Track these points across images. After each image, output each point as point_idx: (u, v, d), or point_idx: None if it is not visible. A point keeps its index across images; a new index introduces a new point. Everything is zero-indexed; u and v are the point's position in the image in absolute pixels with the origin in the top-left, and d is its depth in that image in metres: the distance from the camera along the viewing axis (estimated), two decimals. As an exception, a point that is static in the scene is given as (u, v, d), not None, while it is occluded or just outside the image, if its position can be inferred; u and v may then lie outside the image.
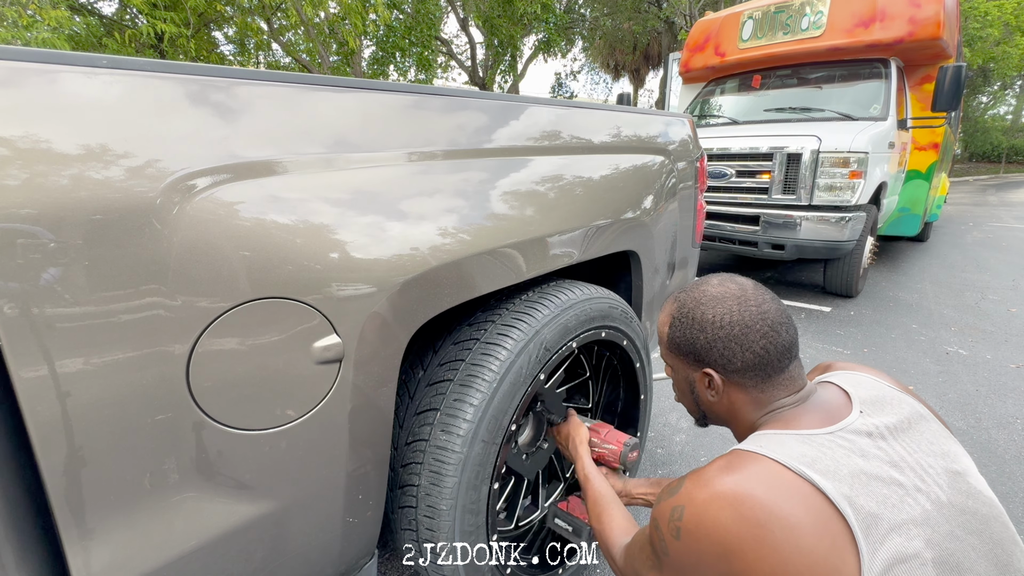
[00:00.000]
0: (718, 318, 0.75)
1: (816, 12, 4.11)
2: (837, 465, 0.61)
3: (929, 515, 0.59)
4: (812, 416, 0.70)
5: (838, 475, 0.59)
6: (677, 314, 0.81)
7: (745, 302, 0.75)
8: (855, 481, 0.59)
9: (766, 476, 0.61)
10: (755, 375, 0.74)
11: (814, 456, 0.62)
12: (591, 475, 1.04)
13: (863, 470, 0.60)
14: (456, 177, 0.88)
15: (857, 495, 0.58)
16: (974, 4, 13.25)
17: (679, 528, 0.63)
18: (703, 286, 0.80)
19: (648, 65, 20.95)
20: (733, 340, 0.74)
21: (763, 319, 0.73)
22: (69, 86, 0.52)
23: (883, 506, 0.58)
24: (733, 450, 0.69)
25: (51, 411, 0.51)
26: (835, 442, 0.64)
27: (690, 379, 0.82)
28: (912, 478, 0.61)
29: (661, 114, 1.54)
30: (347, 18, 8.05)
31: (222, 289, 0.60)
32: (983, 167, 23.22)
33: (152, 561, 0.60)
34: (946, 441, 0.69)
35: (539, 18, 11.87)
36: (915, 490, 0.60)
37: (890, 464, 0.62)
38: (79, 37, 6.95)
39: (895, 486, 0.60)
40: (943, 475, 0.63)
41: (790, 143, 3.53)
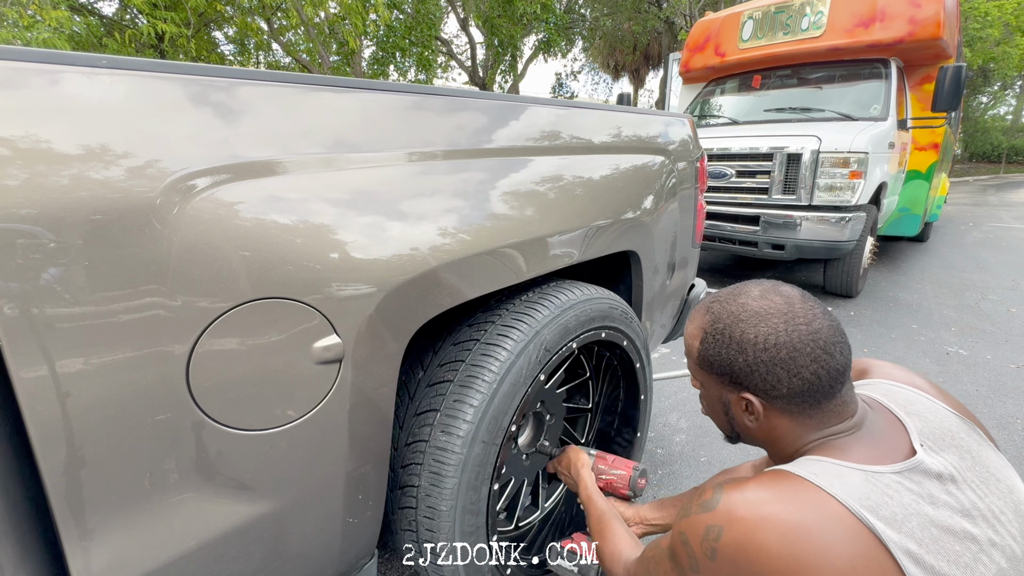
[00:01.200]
0: (761, 339, 0.65)
1: (816, 12, 4.11)
2: (906, 513, 0.55)
3: (1005, 574, 0.54)
4: (869, 448, 0.63)
5: (906, 526, 0.54)
6: (711, 329, 0.71)
7: (793, 320, 0.65)
8: (924, 535, 0.54)
9: (821, 512, 0.55)
10: (803, 402, 0.65)
11: (879, 500, 0.55)
12: (594, 496, 1.03)
13: (934, 521, 0.55)
14: (456, 177, 0.88)
15: (926, 552, 0.53)
16: (974, 4, 13.25)
17: (715, 549, 0.58)
18: (742, 298, 0.70)
19: (648, 65, 20.95)
20: (779, 365, 0.64)
21: (815, 340, 0.64)
22: (69, 86, 0.52)
23: (955, 566, 0.53)
24: (779, 470, 0.62)
25: (51, 411, 0.51)
26: (903, 484, 0.57)
27: (724, 399, 0.73)
28: (986, 530, 0.56)
29: (661, 114, 1.54)
30: (347, 18, 8.05)
31: (222, 289, 0.60)
32: (983, 167, 23.22)
33: (152, 561, 0.60)
34: (1005, 469, 0.64)
35: (539, 18, 11.87)
36: (989, 544, 0.55)
37: (962, 514, 0.57)
38: (79, 37, 6.95)
39: (968, 541, 0.55)
40: (1015, 520, 0.58)
41: (790, 143, 3.53)
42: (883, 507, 0.55)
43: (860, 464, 0.60)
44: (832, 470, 0.60)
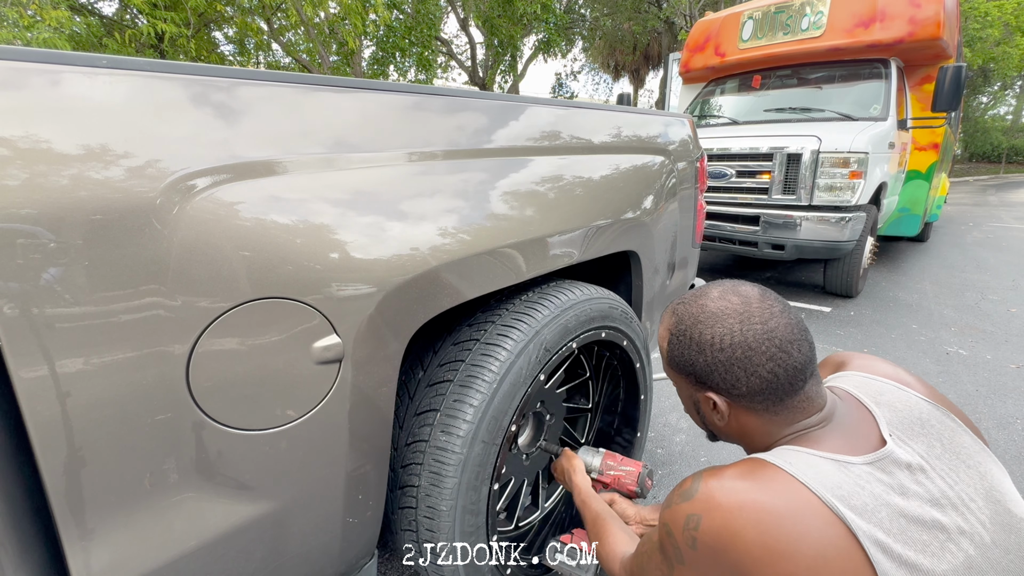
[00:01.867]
0: (717, 339, 0.67)
1: (816, 12, 4.11)
2: (876, 504, 0.56)
3: (973, 562, 0.55)
4: (840, 439, 0.64)
5: (875, 516, 0.56)
6: (675, 330, 0.73)
7: (748, 319, 0.67)
8: (893, 525, 0.55)
9: (795, 501, 0.57)
10: (764, 399, 0.67)
11: (850, 490, 0.57)
12: (588, 500, 1.03)
13: (903, 512, 0.57)
14: (456, 177, 0.88)
15: (894, 541, 0.54)
16: (974, 4, 13.25)
17: (695, 538, 0.60)
18: (702, 299, 0.72)
19: (648, 65, 20.95)
20: (735, 364, 0.66)
21: (770, 339, 0.65)
22: (69, 86, 0.52)
23: (922, 554, 0.54)
24: (756, 458, 0.64)
25: (51, 411, 0.51)
26: (873, 475, 0.59)
27: (694, 399, 0.76)
28: (955, 518, 0.58)
29: (661, 114, 1.54)
30: (347, 18, 8.05)
31: (222, 289, 0.60)
32: (983, 167, 23.22)
33: (152, 561, 0.60)
34: (979, 455, 0.65)
35: (539, 18, 11.87)
36: (958, 532, 0.57)
37: (931, 503, 0.58)
38: (79, 37, 6.95)
39: (937, 530, 0.56)
40: (985, 508, 0.59)
41: (790, 143, 3.53)
42: (854, 497, 0.57)
43: (832, 454, 0.62)
44: (805, 459, 0.61)
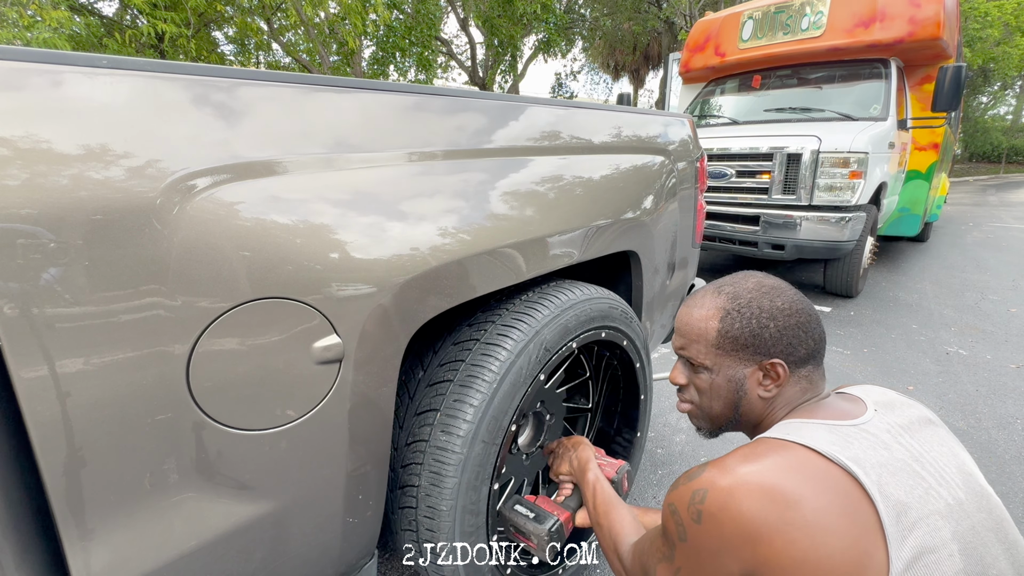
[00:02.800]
0: (787, 306, 0.75)
1: (816, 12, 4.11)
2: (865, 454, 0.61)
3: (952, 509, 0.59)
4: (831, 410, 0.71)
5: (867, 463, 0.59)
6: (732, 306, 0.77)
7: (796, 292, 0.79)
8: (883, 471, 0.59)
9: (796, 460, 0.61)
10: (810, 363, 0.76)
11: (842, 444, 0.62)
12: (601, 479, 1.04)
13: (888, 461, 0.61)
14: (456, 177, 0.88)
15: (886, 483, 0.58)
16: (974, 4, 13.25)
17: (700, 511, 0.61)
18: (750, 279, 0.81)
19: (648, 65, 20.95)
20: (800, 328, 0.75)
21: (810, 308, 0.77)
22: (70, 86, 0.52)
23: (911, 496, 0.58)
24: (759, 439, 0.69)
25: (51, 411, 0.51)
26: (859, 434, 0.64)
27: (738, 377, 0.78)
28: (932, 473, 0.62)
29: (661, 114, 1.54)
30: (347, 18, 8.05)
31: (222, 289, 0.60)
32: (983, 167, 23.21)
33: (152, 561, 0.60)
34: (954, 444, 0.69)
35: (539, 18, 11.87)
36: (937, 484, 0.60)
37: (912, 459, 0.62)
38: (80, 37, 6.95)
39: (918, 479, 0.60)
40: (957, 474, 0.63)
41: (790, 143, 3.53)
42: (847, 449, 0.61)
43: (823, 420, 0.68)
44: (801, 427, 0.67)
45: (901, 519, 0.55)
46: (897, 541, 0.54)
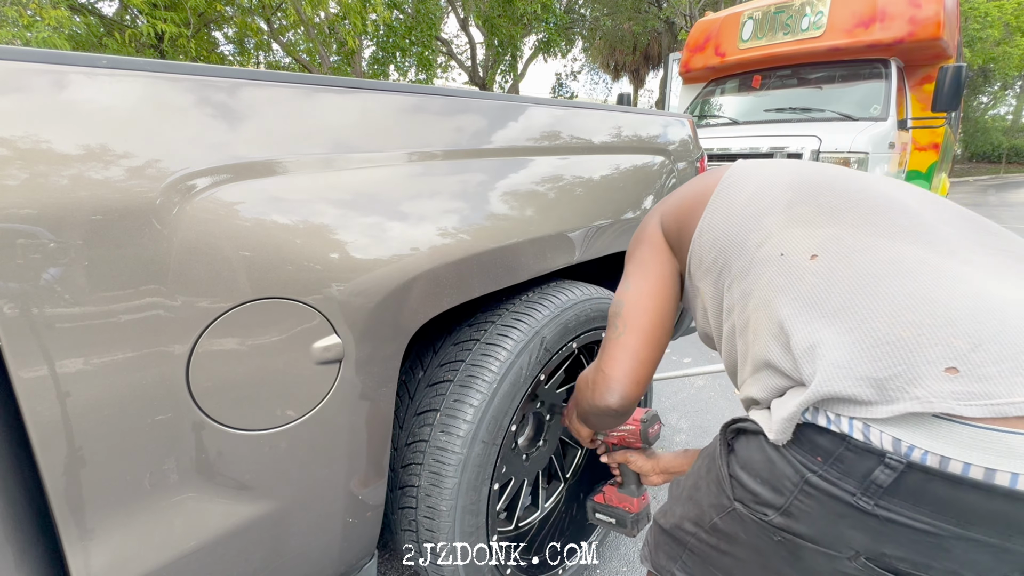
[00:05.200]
0: None
1: (816, 12, 4.11)
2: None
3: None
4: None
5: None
6: None
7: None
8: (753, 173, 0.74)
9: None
10: None
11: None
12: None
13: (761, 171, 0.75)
14: (456, 177, 0.88)
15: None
16: (974, 4, 13.25)
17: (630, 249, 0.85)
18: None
19: (648, 65, 20.94)
20: None
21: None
22: (69, 86, 0.52)
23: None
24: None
25: (51, 411, 0.51)
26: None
27: None
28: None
29: (661, 114, 1.54)
30: (347, 18, 8.05)
31: (222, 289, 0.60)
32: (983, 167, 23.21)
33: (152, 561, 0.60)
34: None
35: (539, 18, 11.88)
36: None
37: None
38: (79, 37, 6.96)
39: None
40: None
41: (790, 143, 3.53)
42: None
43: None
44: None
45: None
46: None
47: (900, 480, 0.44)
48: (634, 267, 0.82)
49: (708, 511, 0.62)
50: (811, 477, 0.49)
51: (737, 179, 0.72)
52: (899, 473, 0.44)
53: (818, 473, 0.48)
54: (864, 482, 0.45)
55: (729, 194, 0.70)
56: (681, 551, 0.68)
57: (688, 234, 0.74)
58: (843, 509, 0.47)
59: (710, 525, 0.61)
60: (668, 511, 0.73)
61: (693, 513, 0.65)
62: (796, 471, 0.50)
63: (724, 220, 0.68)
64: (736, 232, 0.66)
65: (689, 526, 0.66)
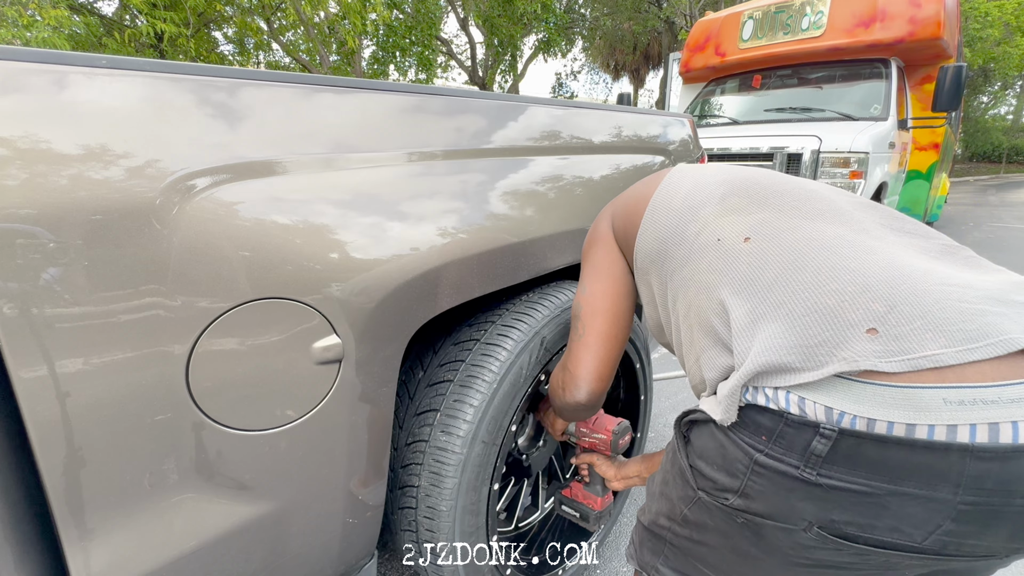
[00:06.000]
0: None
1: (816, 12, 4.11)
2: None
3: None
4: None
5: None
6: None
7: None
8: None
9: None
10: None
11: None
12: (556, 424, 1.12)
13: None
14: (456, 177, 0.88)
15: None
16: (974, 4, 13.24)
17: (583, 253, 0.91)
18: None
19: (648, 65, 20.94)
20: None
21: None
22: (69, 86, 0.52)
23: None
24: None
25: (51, 411, 0.51)
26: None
27: None
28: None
29: (661, 114, 1.54)
30: (347, 17, 8.05)
31: (222, 289, 0.60)
32: (983, 167, 23.21)
33: (152, 561, 0.60)
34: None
35: (539, 18, 11.88)
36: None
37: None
38: (79, 37, 6.96)
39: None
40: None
41: (790, 143, 3.53)
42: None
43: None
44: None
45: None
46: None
47: (835, 447, 0.46)
48: (589, 269, 0.87)
49: (678, 504, 0.64)
50: (759, 457, 0.51)
51: (675, 180, 0.79)
52: (833, 441, 0.46)
53: (764, 452, 0.50)
54: (805, 454, 0.48)
55: (668, 192, 0.77)
56: (662, 546, 0.70)
57: (633, 232, 0.80)
58: (791, 483, 0.49)
59: (681, 517, 0.64)
60: (647, 508, 0.74)
61: (666, 508, 0.67)
62: (745, 453, 0.52)
63: (664, 215, 0.75)
64: (675, 224, 0.72)
65: (664, 521, 0.68)
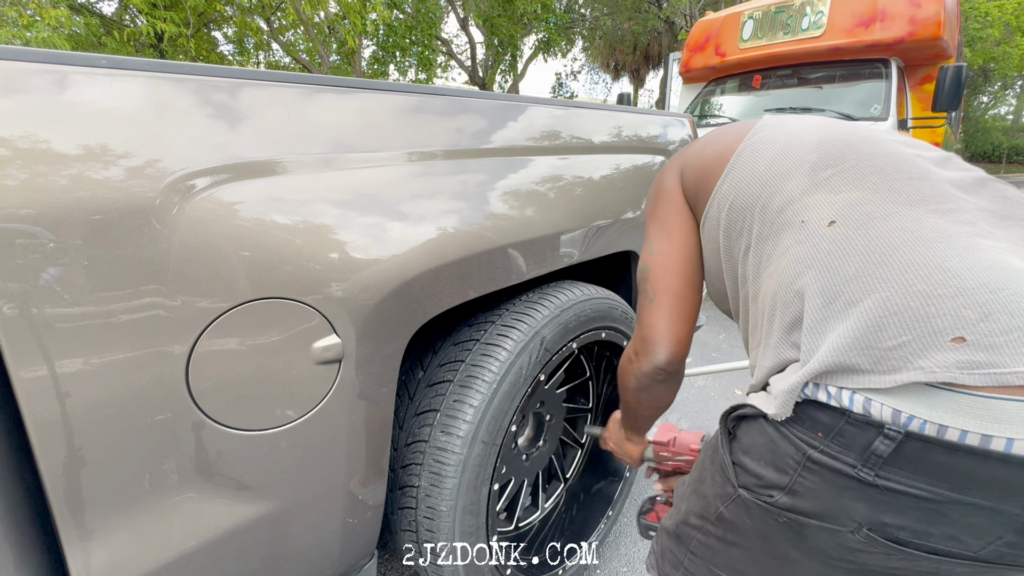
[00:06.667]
0: None
1: (816, 12, 4.11)
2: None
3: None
4: None
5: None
6: None
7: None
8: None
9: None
10: None
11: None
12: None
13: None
14: (456, 177, 0.88)
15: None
16: (974, 4, 13.24)
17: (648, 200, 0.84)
18: None
19: (648, 65, 20.93)
20: None
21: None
22: (69, 86, 0.52)
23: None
24: None
25: (51, 411, 0.51)
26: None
27: None
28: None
29: (661, 114, 1.54)
30: (347, 17, 8.05)
31: (222, 289, 0.60)
32: (984, 167, 23.10)
33: (152, 562, 0.60)
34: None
35: (539, 18, 11.88)
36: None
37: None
38: (79, 37, 6.96)
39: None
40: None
41: (790, 143, 3.52)
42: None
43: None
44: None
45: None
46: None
47: (899, 450, 0.44)
48: (656, 228, 0.79)
49: (713, 502, 0.61)
50: (813, 453, 0.49)
51: (763, 138, 0.69)
52: (898, 443, 0.44)
53: (819, 448, 0.49)
54: (864, 454, 0.46)
55: (753, 153, 0.67)
56: (684, 554, 0.68)
57: (706, 192, 0.72)
58: (845, 482, 0.47)
59: (716, 516, 0.61)
60: (674, 511, 0.73)
61: (698, 507, 0.65)
62: (798, 449, 0.50)
63: (746, 181, 0.66)
64: (758, 195, 0.64)
65: (695, 520, 0.66)
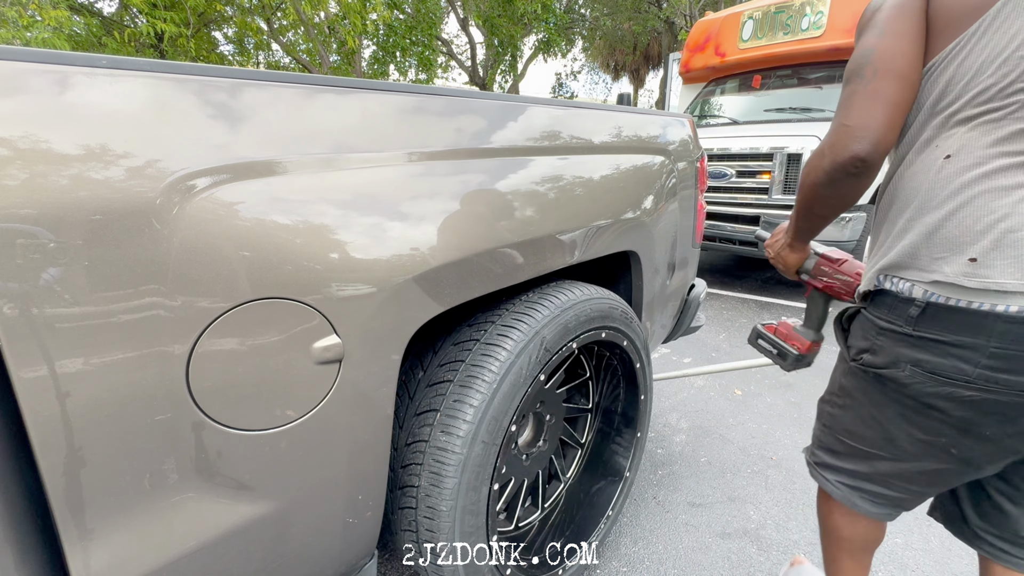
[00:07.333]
0: None
1: (816, 12, 4.11)
2: None
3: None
4: None
5: None
6: None
7: None
8: None
9: None
10: None
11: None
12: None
13: None
14: (456, 177, 0.88)
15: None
16: (974, 4, 13.20)
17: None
18: None
19: (648, 65, 20.94)
20: None
21: None
22: (69, 86, 0.52)
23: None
24: None
25: (51, 411, 0.51)
26: None
27: None
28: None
29: (661, 114, 1.54)
30: (347, 17, 8.05)
31: (222, 289, 0.60)
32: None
33: (152, 562, 0.60)
34: None
35: (539, 18, 11.89)
36: None
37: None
38: (79, 37, 6.96)
39: None
40: None
41: (790, 143, 3.53)
42: None
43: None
44: None
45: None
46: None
47: (924, 312, 0.73)
48: (893, 14, 0.74)
49: (839, 379, 0.93)
50: (881, 323, 0.80)
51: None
52: (922, 308, 0.73)
53: (884, 319, 0.79)
54: (905, 316, 0.75)
55: (1009, 19, 0.64)
56: (819, 428, 0.99)
57: (944, 40, 0.70)
58: (898, 337, 0.77)
59: (839, 387, 0.92)
60: (823, 395, 0.99)
61: (832, 385, 0.95)
62: (873, 324, 0.81)
63: (987, 51, 0.66)
64: (989, 72, 0.66)
65: (826, 396, 0.97)
